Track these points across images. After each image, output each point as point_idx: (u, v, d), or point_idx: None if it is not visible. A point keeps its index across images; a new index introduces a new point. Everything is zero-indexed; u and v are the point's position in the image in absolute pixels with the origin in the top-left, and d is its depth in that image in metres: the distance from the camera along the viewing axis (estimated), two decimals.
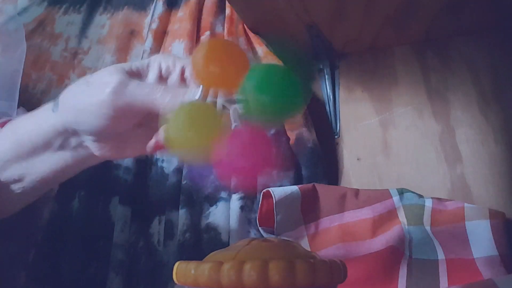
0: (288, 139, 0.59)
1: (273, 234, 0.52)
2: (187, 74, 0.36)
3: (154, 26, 0.71)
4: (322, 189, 0.55)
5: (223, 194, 0.56)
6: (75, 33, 0.80)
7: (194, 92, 0.32)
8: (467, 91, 0.60)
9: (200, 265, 0.28)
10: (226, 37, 0.66)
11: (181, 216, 0.55)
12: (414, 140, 0.60)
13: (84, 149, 0.37)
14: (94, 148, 0.37)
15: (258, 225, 0.53)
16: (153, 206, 0.60)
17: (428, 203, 0.52)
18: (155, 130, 0.36)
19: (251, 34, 0.67)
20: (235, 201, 0.54)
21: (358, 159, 0.62)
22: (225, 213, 0.55)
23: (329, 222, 0.53)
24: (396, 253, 0.48)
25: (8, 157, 0.37)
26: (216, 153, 0.28)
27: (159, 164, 0.61)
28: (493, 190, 0.54)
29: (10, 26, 0.80)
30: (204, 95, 0.32)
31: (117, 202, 0.59)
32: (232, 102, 0.62)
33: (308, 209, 0.53)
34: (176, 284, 0.30)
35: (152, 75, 0.36)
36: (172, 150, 0.29)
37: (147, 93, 0.33)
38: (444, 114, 0.60)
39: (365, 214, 0.53)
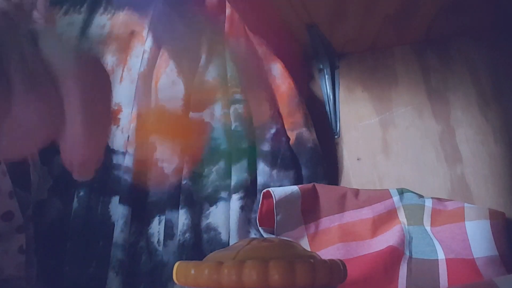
0: (288, 139, 0.59)
1: (273, 234, 0.52)
2: None
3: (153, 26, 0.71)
4: (322, 189, 0.55)
5: (223, 194, 0.56)
6: (75, 34, 0.79)
7: None
8: (467, 91, 0.60)
9: (200, 265, 0.28)
10: (226, 37, 0.66)
11: (181, 216, 0.55)
12: (414, 140, 0.60)
13: None
14: None
15: (258, 225, 0.53)
16: (153, 206, 0.60)
17: (428, 203, 0.52)
18: None
19: (251, 34, 0.67)
20: (235, 201, 0.54)
21: (358, 159, 0.62)
22: (225, 213, 0.55)
23: (329, 222, 0.53)
24: (396, 253, 0.48)
25: None
26: None
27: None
28: (493, 190, 0.54)
29: None
30: None
31: (117, 202, 0.59)
32: (232, 102, 0.63)
33: (308, 209, 0.53)
34: (176, 284, 0.30)
35: None
36: None
37: None
38: (444, 114, 0.60)
39: (365, 214, 0.53)
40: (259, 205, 0.53)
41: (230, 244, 0.52)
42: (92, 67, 0.25)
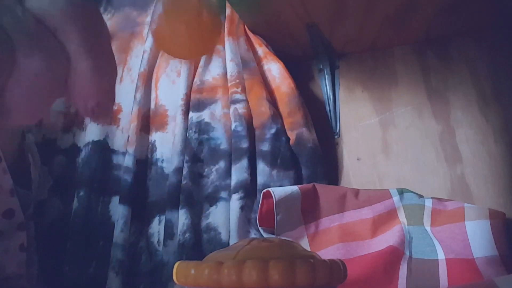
0: (288, 139, 0.59)
1: (273, 234, 0.52)
2: None
3: (154, 26, 0.71)
4: (322, 189, 0.55)
5: (223, 194, 0.56)
6: None
7: None
8: (467, 91, 0.60)
9: (200, 265, 0.28)
10: (226, 37, 0.66)
11: (181, 216, 0.55)
12: (414, 140, 0.60)
13: None
14: None
15: (258, 225, 0.53)
16: (153, 206, 0.60)
17: (428, 203, 0.52)
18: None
19: (251, 34, 0.67)
20: (235, 201, 0.54)
21: (358, 159, 0.62)
22: (225, 213, 0.55)
23: (329, 222, 0.53)
24: (396, 253, 0.48)
25: None
26: None
27: (159, 164, 0.61)
28: (493, 190, 0.54)
29: None
30: None
31: (117, 202, 0.59)
32: (232, 102, 0.63)
33: (308, 209, 0.53)
34: (176, 284, 0.30)
35: None
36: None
37: None
38: (444, 114, 0.60)
39: (365, 214, 0.53)
40: (259, 205, 0.53)
41: (230, 244, 0.52)
42: (85, 10, 0.25)
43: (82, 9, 0.24)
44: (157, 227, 0.58)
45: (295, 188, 0.53)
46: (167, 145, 0.62)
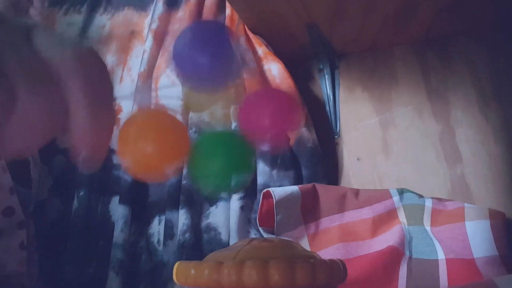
0: (288, 139, 0.58)
1: (273, 234, 0.52)
2: None
3: (154, 26, 0.71)
4: (322, 189, 0.55)
5: (223, 194, 0.56)
6: (75, 34, 0.80)
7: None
8: (467, 91, 0.60)
9: (200, 265, 0.28)
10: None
11: (181, 216, 0.55)
12: (414, 140, 0.60)
13: None
14: None
15: (258, 225, 0.53)
16: (153, 206, 0.60)
17: (428, 203, 0.52)
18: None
19: (251, 34, 0.67)
20: (235, 201, 0.54)
21: (358, 159, 0.62)
22: (225, 213, 0.55)
23: (329, 222, 0.53)
24: (396, 253, 0.48)
25: None
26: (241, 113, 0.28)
27: None
28: (493, 190, 0.54)
29: None
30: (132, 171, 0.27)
31: (117, 202, 0.59)
32: (233, 102, 0.63)
33: (308, 209, 0.53)
34: (176, 284, 0.30)
35: None
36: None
37: None
38: (444, 114, 0.60)
39: (365, 214, 0.53)
40: (259, 205, 0.53)
41: (230, 244, 0.52)
42: (91, 61, 0.25)
43: (87, 62, 0.24)
44: (157, 227, 0.58)
45: (295, 188, 0.53)
46: None
